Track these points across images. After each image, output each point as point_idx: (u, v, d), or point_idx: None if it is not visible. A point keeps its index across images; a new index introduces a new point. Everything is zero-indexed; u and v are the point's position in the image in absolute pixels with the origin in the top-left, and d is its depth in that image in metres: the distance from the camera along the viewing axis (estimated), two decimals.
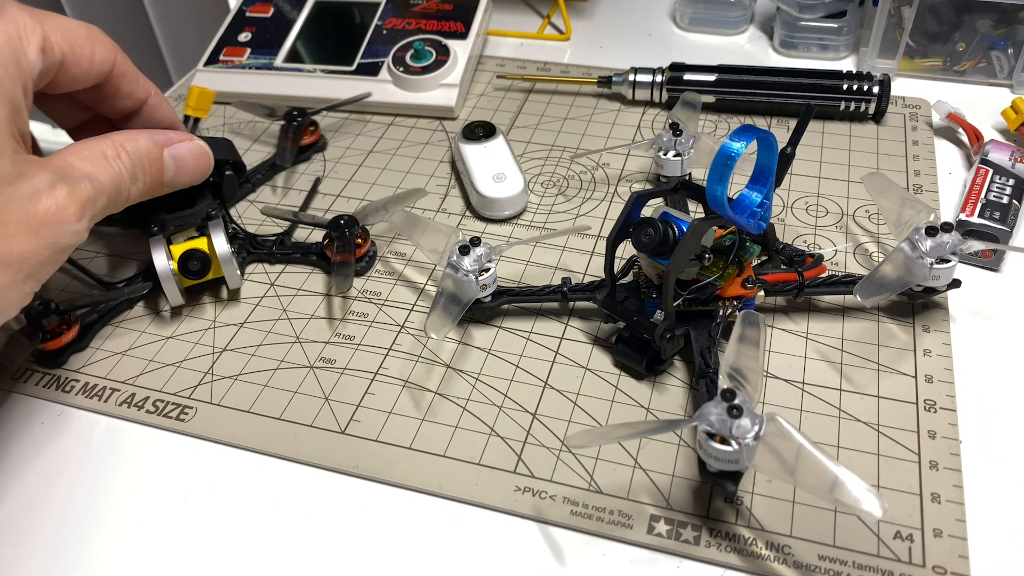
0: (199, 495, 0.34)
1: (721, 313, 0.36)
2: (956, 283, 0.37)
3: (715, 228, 0.35)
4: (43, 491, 0.34)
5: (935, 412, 0.34)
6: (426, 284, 0.43)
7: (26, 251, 0.28)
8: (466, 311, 0.37)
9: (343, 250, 0.42)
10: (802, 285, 0.38)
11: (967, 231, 0.42)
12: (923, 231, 0.36)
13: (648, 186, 0.49)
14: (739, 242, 0.36)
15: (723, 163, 0.32)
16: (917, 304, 0.39)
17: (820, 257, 0.39)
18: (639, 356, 0.36)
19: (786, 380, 0.36)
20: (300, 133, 0.51)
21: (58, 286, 0.44)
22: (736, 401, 0.27)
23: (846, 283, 0.38)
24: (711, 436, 0.28)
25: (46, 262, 0.29)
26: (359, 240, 0.43)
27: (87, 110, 0.38)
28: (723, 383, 0.29)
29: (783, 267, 0.40)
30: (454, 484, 0.33)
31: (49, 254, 0.29)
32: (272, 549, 0.32)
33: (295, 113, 0.51)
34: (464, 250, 0.37)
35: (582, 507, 0.32)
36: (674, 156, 0.46)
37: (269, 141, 0.55)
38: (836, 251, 0.43)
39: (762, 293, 0.37)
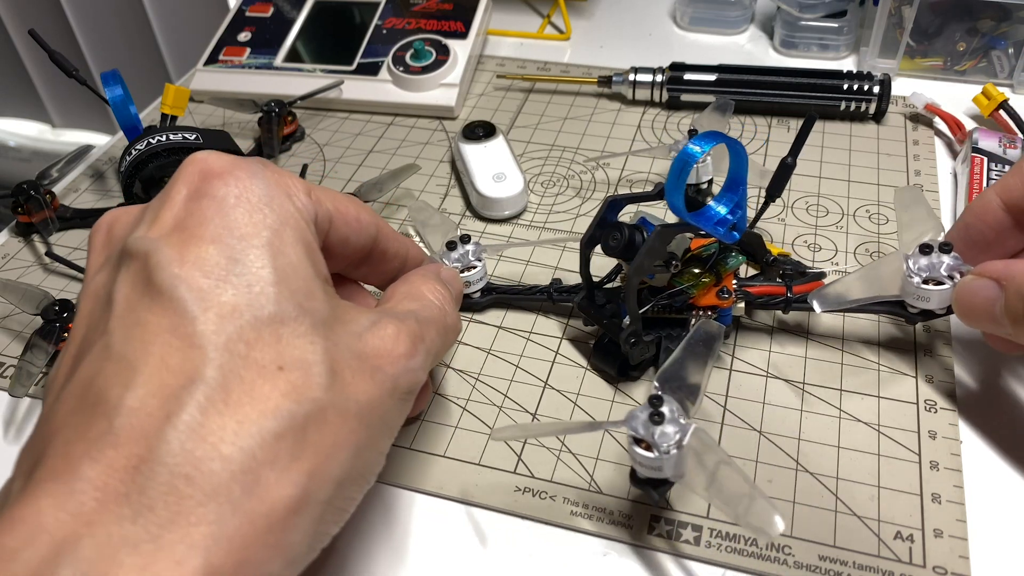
0: None
1: (692, 323, 0.36)
2: None
3: (689, 236, 0.35)
4: None
5: (935, 412, 0.34)
6: None
7: (371, 399, 0.24)
8: (459, 307, 0.36)
9: None
10: (789, 300, 0.36)
11: None
12: (917, 248, 0.33)
13: (649, 187, 0.49)
14: (719, 252, 0.35)
15: (679, 168, 0.30)
16: None
17: (821, 275, 0.38)
18: (612, 360, 0.36)
19: (786, 380, 0.36)
20: (282, 123, 0.53)
21: (58, 286, 0.44)
22: (661, 408, 0.27)
23: None
24: (637, 441, 0.27)
25: (391, 412, 0.25)
26: None
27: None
28: (654, 389, 0.28)
29: (778, 280, 0.38)
30: (454, 484, 0.33)
31: (392, 403, 0.25)
32: None
33: (272, 104, 0.53)
34: (451, 246, 0.38)
35: (582, 507, 0.32)
36: None
37: (245, 135, 0.56)
38: (835, 264, 0.43)
39: (741, 305, 0.36)
